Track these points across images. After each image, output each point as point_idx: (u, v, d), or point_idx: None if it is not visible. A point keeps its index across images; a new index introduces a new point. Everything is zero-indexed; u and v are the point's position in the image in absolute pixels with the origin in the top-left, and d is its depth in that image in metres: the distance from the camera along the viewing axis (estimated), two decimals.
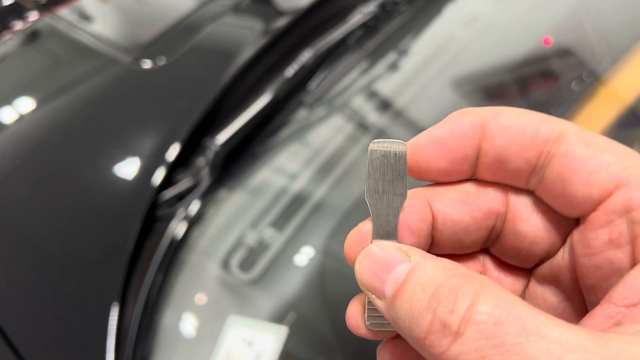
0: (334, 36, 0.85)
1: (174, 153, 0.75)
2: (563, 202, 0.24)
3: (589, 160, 0.23)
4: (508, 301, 0.19)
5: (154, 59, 0.88)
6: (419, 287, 0.21)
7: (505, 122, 0.25)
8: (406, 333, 0.21)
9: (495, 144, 0.25)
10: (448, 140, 0.25)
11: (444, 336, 0.20)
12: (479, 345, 0.18)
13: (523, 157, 0.24)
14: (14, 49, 1.04)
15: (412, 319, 0.21)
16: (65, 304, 0.67)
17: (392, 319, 0.22)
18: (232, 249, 0.72)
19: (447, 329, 0.20)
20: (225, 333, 0.63)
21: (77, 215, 0.74)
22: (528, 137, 0.24)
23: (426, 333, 0.20)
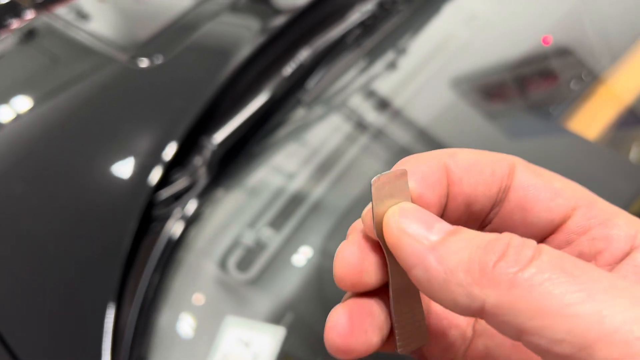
0: (332, 35, 0.85)
1: (171, 152, 0.75)
2: (523, 231, 0.24)
3: (544, 188, 0.24)
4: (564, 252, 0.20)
5: (151, 57, 0.87)
6: (477, 233, 0.21)
7: (464, 163, 0.25)
8: (462, 265, 0.20)
9: (463, 187, 0.24)
10: (425, 192, 0.24)
11: (520, 257, 0.20)
12: (558, 265, 0.19)
13: (488, 196, 0.25)
14: (10, 48, 1.03)
15: (477, 247, 0.20)
16: (61, 304, 0.66)
17: (437, 255, 0.21)
18: (230, 248, 0.71)
19: (524, 251, 0.20)
20: (222, 333, 0.63)
21: (73, 214, 0.74)
22: (488, 175, 0.24)
23: (499, 255, 0.20)
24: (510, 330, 0.19)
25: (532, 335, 0.19)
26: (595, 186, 0.24)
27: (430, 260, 0.21)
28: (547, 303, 0.18)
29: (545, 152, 0.77)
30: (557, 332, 0.18)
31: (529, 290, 0.19)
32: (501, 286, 0.19)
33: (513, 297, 0.19)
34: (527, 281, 0.19)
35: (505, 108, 0.85)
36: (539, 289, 0.19)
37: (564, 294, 0.18)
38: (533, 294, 0.19)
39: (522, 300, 0.19)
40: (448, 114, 0.82)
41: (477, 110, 0.83)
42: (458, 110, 0.82)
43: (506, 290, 0.19)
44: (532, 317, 0.19)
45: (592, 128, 0.78)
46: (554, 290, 0.18)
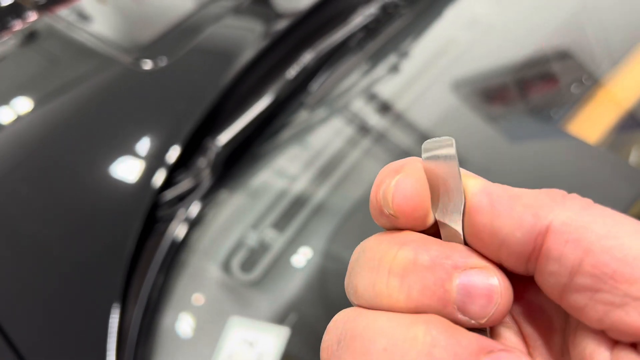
0: (335, 38, 0.85)
1: (175, 154, 0.76)
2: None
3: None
4: None
5: (155, 59, 0.88)
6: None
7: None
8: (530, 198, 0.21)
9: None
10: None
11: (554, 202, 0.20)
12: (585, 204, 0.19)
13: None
14: (13, 49, 1.04)
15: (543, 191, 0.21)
16: (66, 304, 0.67)
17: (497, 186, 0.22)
18: (233, 249, 0.72)
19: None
20: (226, 334, 0.63)
21: (78, 216, 0.74)
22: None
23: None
24: (575, 252, 0.19)
25: (596, 256, 0.18)
26: (596, 189, 0.25)
27: (494, 186, 0.21)
28: (620, 224, 0.18)
29: (546, 156, 0.77)
30: (626, 250, 0.18)
31: (602, 210, 0.19)
32: (574, 206, 0.19)
33: (588, 214, 0.19)
34: (599, 205, 0.19)
35: (507, 111, 0.86)
36: (611, 213, 0.19)
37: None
38: (606, 212, 0.19)
39: (594, 218, 0.19)
40: (450, 117, 0.82)
41: (479, 114, 0.83)
42: (460, 113, 0.83)
43: (580, 209, 0.19)
44: (601, 238, 0.18)
45: (593, 131, 0.79)
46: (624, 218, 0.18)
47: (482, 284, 0.21)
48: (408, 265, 0.21)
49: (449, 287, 0.21)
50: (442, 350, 0.19)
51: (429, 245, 0.22)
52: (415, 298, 0.21)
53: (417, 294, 0.21)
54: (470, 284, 0.21)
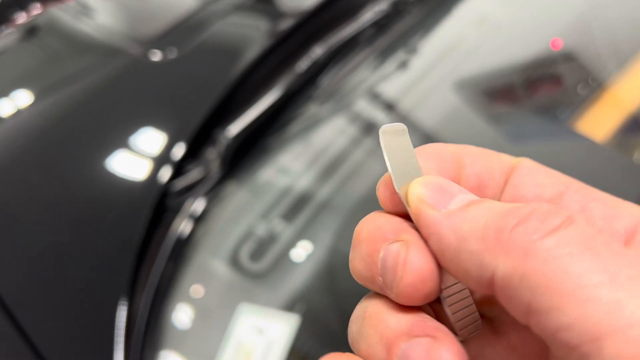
0: (345, 33, 0.86)
1: (184, 145, 0.76)
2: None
3: (538, 169, 0.24)
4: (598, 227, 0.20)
5: (164, 51, 0.88)
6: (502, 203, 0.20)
7: (476, 150, 0.25)
8: (476, 232, 0.19)
9: (476, 169, 0.25)
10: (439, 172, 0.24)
11: (543, 225, 0.18)
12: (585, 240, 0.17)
13: (496, 182, 0.25)
14: (16, 42, 1.03)
15: (498, 213, 0.19)
16: (76, 295, 0.67)
17: (451, 223, 0.20)
18: (243, 239, 0.72)
19: (550, 220, 0.18)
20: (236, 321, 0.63)
21: (87, 207, 0.74)
22: (497, 162, 0.25)
23: (522, 220, 0.18)
24: (519, 307, 0.17)
25: (539, 315, 0.17)
26: (601, 188, 0.25)
27: (444, 227, 0.20)
28: (562, 280, 0.16)
29: (552, 155, 0.78)
30: (567, 315, 0.16)
31: (544, 262, 0.17)
32: (515, 253, 0.17)
33: (525, 268, 0.17)
34: (544, 252, 0.17)
35: (513, 111, 0.86)
36: (555, 263, 0.16)
37: (583, 273, 0.16)
38: (548, 267, 0.16)
39: (534, 272, 0.17)
40: (457, 115, 0.83)
41: (485, 112, 0.84)
42: (466, 111, 0.83)
43: (519, 258, 0.17)
44: (542, 294, 0.16)
45: (598, 133, 0.80)
46: (573, 267, 0.16)
47: (392, 256, 0.21)
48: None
49: (376, 259, 0.22)
50: (371, 330, 0.21)
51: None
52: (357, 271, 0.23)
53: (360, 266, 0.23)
54: (385, 256, 0.22)
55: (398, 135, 0.25)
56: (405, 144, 0.25)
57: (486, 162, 0.25)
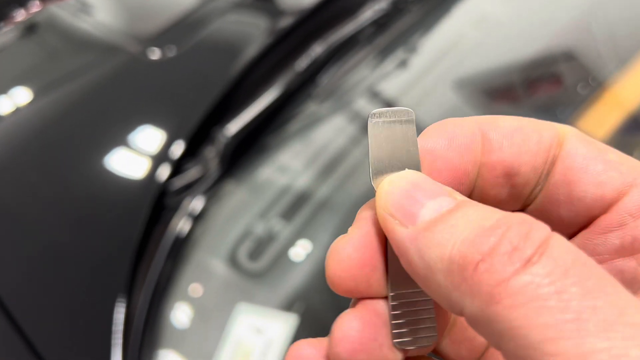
0: (345, 31, 0.86)
1: (183, 144, 0.75)
2: (567, 209, 0.21)
3: (594, 158, 0.20)
4: (580, 251, 0.16)
5: (163, 49, 0.88)
6: (476, 215, 0.17)
7: (506, 129, 0.21)
8: (442, 263, 0.17)
9: (504, 155, 0.21)
10: (445, 154, 0.21)
11: (511, 260, 0.16)
12: (555, 278, 0.15)
13: (533, 166, 0.21)
14: (15, 40, 1.03)
15: (464, 241, 0.17)
16: (74, 294, 0.66)
17: (418, 247, 0.18)
18: (241, 238, 0.72)
19: (518, 252, 0.16)
20: (234, 321, 0.63)
21: (86, 206, 0.74)
22: (534, 143, 0.21)
23: (486, 255, 0.16)
24: (489, 341, 0.17)
25: (507, 356, 0.16)
26: None
27: (411, 253, 0.18)
28: (528, 330, 0.15)
29: None
30: None
31: (510, 309, 0.15)
32: (480, 297, 0.16)
33: (491, 314, 0.16)
34: (509, 298, 0.15)
35: (512, 110, 0.86)
36: (521, 311, 0.15)
37: (550, 323, 0.14)
38: (514, 316, 0.15)
39: (501, 319, 0.15)
40: (456, 114, 0.83)
41: (485, 112, 0.84)
42: (466, 110, 0.83)
43: (485, 303, 0.16)
44: (508, 341, 0.15)
45: (599, 132, 0.80)
46: (539, 317, 0.15)
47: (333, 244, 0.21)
48: None
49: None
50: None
51: None
52: None
53: None
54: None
55: (397, 122, 0.21)
56: (405, 132, 0.21)
57: (519, 143, 0.21)
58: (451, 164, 0.21)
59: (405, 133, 0.21)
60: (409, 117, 0.21)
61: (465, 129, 0.21)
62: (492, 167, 0.21)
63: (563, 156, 0.21)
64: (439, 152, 0.21)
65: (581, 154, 0.21)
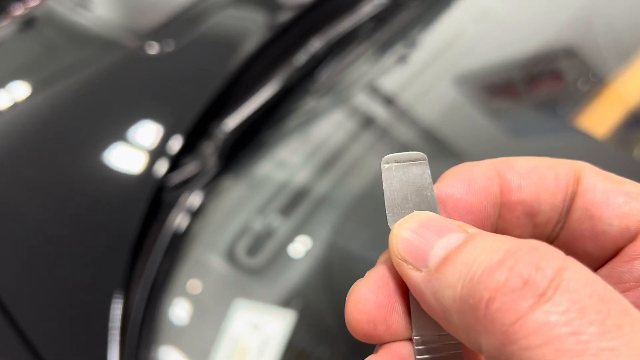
0: (344, 26, 0.85)
1: (181, 139, 0.75)
2: (593, 244, 0.21)
3: (614, 191, 0.21)
4: (599, 280, 0.16)
5: (162, 44, 0.87)
6: (484, 249, 0.17)
7: (523, 169, 0.22)
8: (455, 304, 0.17)
9: (524, 195, 0.21)
10: (465, 198, 0.21)
11: (523, 297, 0.15)
12: (571, 317, 0.15)
13: (552, 204, 0.21)
14: (13, 34, 1.02)
15: (472, 279, 0.16)
16: (71, 290, 0.66)
17: (432, 290, 0.18)
18: (239, 234, 0.71)
19: (530, 287, 0.15)
20: (231, 317, 0.63)
21: (82, 200, 0.73)
22: (551, 181, 0.21)
23: (495, 292, 0.16)
24: None
25: None
26: None
27: (428, 297, 0.18)
28: None
29: (552, 152, 0.78)
30: None
31: (526, 351, 0.15)
32: (494, 337, 0.16)
33: (508, 354, 0.15)
34: (525, 338, 0.15)
35: (513, 106, 0.86)
36: (538, 353, 0.15)
37: None
38: (529, 358, 0.15)
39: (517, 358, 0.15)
40: (456, 110, 0.82)
41: (485, 108, 0.83)
42: (466, 106, 0.83)
43: (500, 342, 0.15)
44: None
45: (599, 128, 0.79)
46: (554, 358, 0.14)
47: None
48: None
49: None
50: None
51: None
52: None
53: None
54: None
55: (410, 164, 0.22)
56: (419, 175, 0.22)
57: (537, 182, 0.21)
58: (472, 207, 0.21)
59: (420, 176, 0.22)
60: (423, 160, 0.22)
61: (482, 171, 0.22)
62: (513, 207, 0.22)
63: (582, 192, 0.21)
64: (459, 196, 0.21)
65: (600, 189, 0.21)
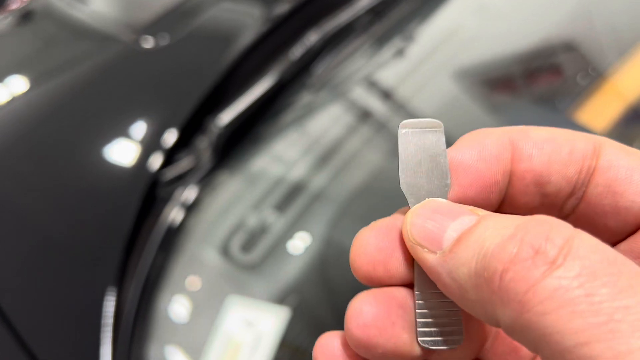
0: (340, 19, 0.84)
1: (175, 133, 0.75)
2: (614, 219, 0.21)
3: (638, 168, 0.21)
4: (608, 247, 0.16)
5: (157, 38, 0.86)
6: (495, 227, 0.18)
7: (537, 139, 0.22)
8: (470, 280, 0.18)
9: (534, 164, 0.22)
10: (475, 164, 0.22)
11: (535, 265, 0.16)
12: (583, 280, 0.15)
13: (564, 176, 0.22)
14: (10, 28, 1.02)
15: (486, 255, 0.17)
16: (64, 285, 0.66)
17: (447, 270, 0.19)
18: (233, 231, 0.71)
19: (541, 256, 0.16)
20: (225, 313, 0.62)
21: (75, 194, 0.73)
22: (566, 153, 0.22)
23: (508, 263, 0.16)
24: (527, 347, 0.17)
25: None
26: None
27: (444, 276, 0.19)
28: (561, 336, 0.15)
29: None
30: None
31: (541, 316, 0.15)
32: (510, 306, 0.16)
33: (523, 322, 0.16)
34: (540, 304, 0.16)
35: (512, 100, 0.85)
36: (552, 318, 0.15)
37: (583, 328, 0.15)
38: (545, 323, 0.15)
39: (534, 326, 0.16)
40: (454, 105, 0.82)
41: (484, 102, 0.83)
42: (464, 101, 0.82)
43: (516, 312, 0.16)
44: (544, 347, 0.16)
45: (599, 122, 0.79)
46: (571, 322, 0.15)
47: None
48: None
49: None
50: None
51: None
52: None
53: None
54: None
55: (426, 132, 0.23)
56: (435, 142, 0.22)
57: (550, 153, 0.22)
58: (481, 174, 0.22)
59: (435, 143, 0.23)
60: (439, 127, 0.23)
61: (495, 139, 0.22)
62: (522, 175, 0.22)
63: (604, 167, 0.21)
64: (469, 162, 0.22)
65: (624, 165, 0.21)
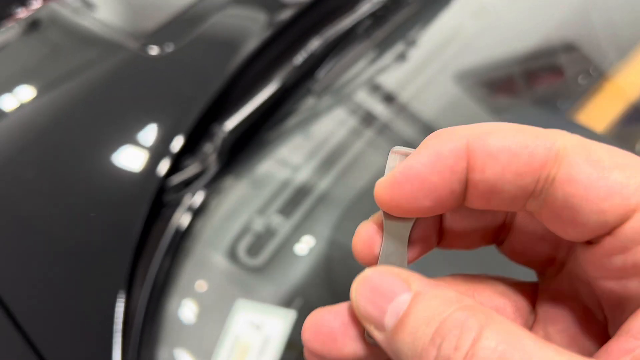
0: (342, 25, 0.85)
1: (181, 140, 0.75)
2: (572, 229, 0.21)
3: (597, 184, 0.20)
4: (515, 335, 0.19)
5: (162, 45, 0.88)
6: (422, 321, 0.21)
7: (494, 146, 0.21)
8: (412, 353, 0.21)
9: (486, 176, 0.21)
10: (429, 177, 0.22)
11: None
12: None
13: (518, 185, 0.21)
14: (17, 37, 1.03)
15: (416, 355, 0.20)
16: (73, 289, 0.67)
17: (394, 352, 0.22)
18: (240, 234, 0.72)
19: (463, 338, 0.19)
20: (233, 317, 0.63)
21: (85, 200, 0.74)
22: (522, 162, 0.21)
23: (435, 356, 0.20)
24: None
25: None
26: None
27: (390, 353, 0.22)
28: None
29: None
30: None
31: None
32: None
33: None
34: None
35: (513, 102, 0.86)
36: None
37: None
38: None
39: None
40: (456, 107, 0.82)
41: (485, 104, 0.83)
42: (466, 103, 0.83)
43: None
44: None
45: (600, 123, 0.79)
46: None
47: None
48: None
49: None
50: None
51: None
52: None
53: None
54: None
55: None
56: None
57: (504, 164, 0.21)
58: (436, 186, 0.22)
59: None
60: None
61: (453, 146, 0.22)
62: (475, 185, 0.22)
63: (562, 180, 0.20)
64: (424, 176, 0.22)
65: (583, 178, 0.20)
